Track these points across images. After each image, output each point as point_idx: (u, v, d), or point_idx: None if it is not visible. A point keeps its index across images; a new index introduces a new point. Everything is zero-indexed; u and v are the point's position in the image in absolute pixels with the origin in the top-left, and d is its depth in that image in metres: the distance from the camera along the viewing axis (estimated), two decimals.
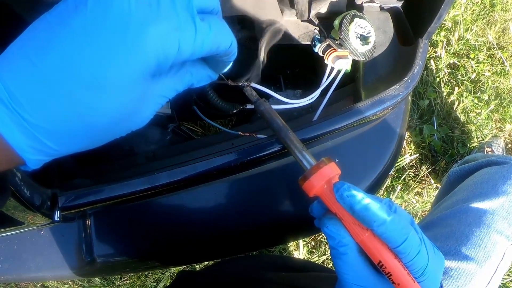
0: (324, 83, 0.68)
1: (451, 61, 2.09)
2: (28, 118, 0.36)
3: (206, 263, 1.77)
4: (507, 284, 1.85)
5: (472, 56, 2.10)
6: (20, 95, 0.36)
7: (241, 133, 0.64)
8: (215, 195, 0.81)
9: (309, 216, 0.87)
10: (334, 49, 0.66)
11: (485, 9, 2.19)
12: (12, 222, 0.60)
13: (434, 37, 2.12)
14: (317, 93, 0.68)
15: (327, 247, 1.84)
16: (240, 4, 0.70)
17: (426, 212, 1.92)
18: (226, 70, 0.52)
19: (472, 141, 1.99)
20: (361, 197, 0.51)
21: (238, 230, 0.85)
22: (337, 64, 0.65)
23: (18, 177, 0.51)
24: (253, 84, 0.65)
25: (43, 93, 0.36)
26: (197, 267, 1.77)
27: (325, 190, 0.55)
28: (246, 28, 0.74)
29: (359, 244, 0.53)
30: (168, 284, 1.80)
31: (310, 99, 0.68)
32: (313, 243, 1.87)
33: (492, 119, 2.03)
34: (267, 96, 0.67)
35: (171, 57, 0.39)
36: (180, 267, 1.77)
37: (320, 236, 1.86)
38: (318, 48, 0.68)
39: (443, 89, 2.05)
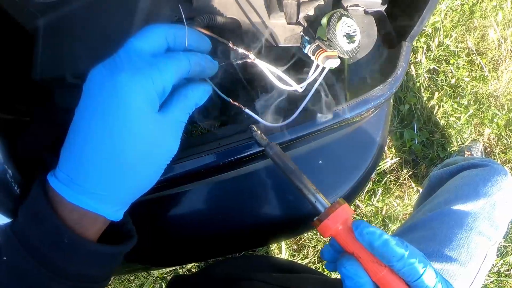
0: (311, 76, 0.69)
1: (431, 67, 2.13)
2: (107, 196, 0.49)
3: (189, 267, 1.77)
4: (487, 286, 1.88)
5: (451, 61, 2.14)
6: (92, 187, 0.48)
7: (232, 101, 0.64)
8: (200, 196, 0.81)
9: (295, 217, 0.89)
10: (323, 49, 0.66)
11: (465, 16, 2.23)
12: None
13: (414, 43, 2.15)
14: (305, 83, 0.68)
15: (309, 251, 1.85)
16: (227, 7, 0.71)
17: (407, 215, 1.94)
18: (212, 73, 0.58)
19: (452, 145, 2.02)
20: (379, 234, 0.52)
21: (224, 231, 0.85)
22: (327, 64, 0.66)
23: (9, 174, 0.51)
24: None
25: (103, 183, 0.48)
26: (180, 270, 1.76)
27: (341, 230, 0.55)
28: (232, 31, 0.75)
29: (375, 282, 0.54)
30: None
31: (300, 87, 0.68)
32: (296, 247, 1.87)
33: (471, 124, 2.06)
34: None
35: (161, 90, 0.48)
36: (162, 271, 1.77)
37: (302, 240, 1.87)
38: (308, 49, 0.69)
39: (423, 94, 2.08)
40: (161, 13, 0.71)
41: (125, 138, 0.46)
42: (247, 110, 0.66)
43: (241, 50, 0.61)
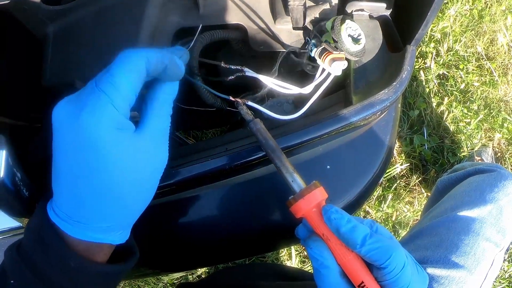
0: (318, 78, 0.69)
1: (441, 72, 2.12)
2: (109, 226, 0.49)
3: (199, 273, 1.77)
4: None
5: (461, 66, 2.13)
6: (90, 222, 0.47)
7: (232, 97, 0.65)
8: (208, 200, 0.82)
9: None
10: (329, 52, 0.67)
11: (474, 21, 2.22)
12: None
13: (423, 48, 2.15)
14: (311, 85, 0.69)
15: None
16: (234, 14, 0.72)
17: (417, 221, 1.93)
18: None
19: (462, 151, 2.01)
20: (347, 220, 0.54)
21: (233, 235, 0.86)
22: (334, 65, 0.66)
23: (18, 177, 0.52)
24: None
25: (98, 212, 0.47)
26: (190, 277, 1.77)
27: (313, 212, 0.57)
28: (240, 36, 0.76)
29: (341, 266, 0.56)
30: None
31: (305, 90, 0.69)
32: (305, 253, 1.87)
33: (481, 129, 2.05)
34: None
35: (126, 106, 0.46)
36: (173, 276, 1.77)
37: None
38: (315, 52, 0.69)
39: (432, 99, 2.08)
40: (169, 20, 0.72)
41: (106, 172, 0.45)
42: (250, 103, 0.66)
43: (234, 67, 0.62)
